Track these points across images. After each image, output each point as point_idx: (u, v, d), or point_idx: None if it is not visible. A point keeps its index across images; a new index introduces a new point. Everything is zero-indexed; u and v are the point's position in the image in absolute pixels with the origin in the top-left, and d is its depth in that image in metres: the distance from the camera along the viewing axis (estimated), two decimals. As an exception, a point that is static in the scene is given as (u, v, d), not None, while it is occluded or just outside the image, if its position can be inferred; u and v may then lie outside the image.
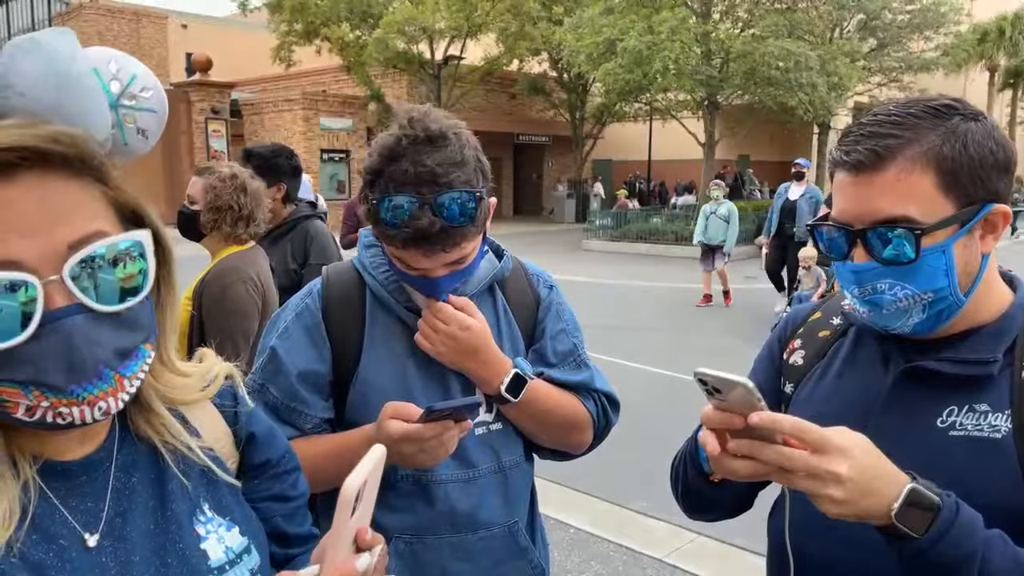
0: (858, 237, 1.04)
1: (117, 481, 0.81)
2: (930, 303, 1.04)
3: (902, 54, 22.38)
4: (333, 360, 1.45)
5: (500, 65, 24.80)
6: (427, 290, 1.41)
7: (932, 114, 1.02)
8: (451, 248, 1.32)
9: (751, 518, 1.41)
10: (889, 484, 0.91)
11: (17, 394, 0.69)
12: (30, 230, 0.68)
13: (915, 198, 1.00)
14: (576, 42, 19.73)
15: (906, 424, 1.06)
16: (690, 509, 1.33)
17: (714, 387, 0.91)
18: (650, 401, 6.02)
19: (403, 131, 1.30)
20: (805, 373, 1.24)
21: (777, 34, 18.32)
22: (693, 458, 1.22)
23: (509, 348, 1.52)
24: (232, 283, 2.69)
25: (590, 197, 26.96)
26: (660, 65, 17.59)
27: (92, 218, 0.73)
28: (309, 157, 23.32)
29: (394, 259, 1.39)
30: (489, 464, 1.48)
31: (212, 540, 0.84)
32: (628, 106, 23.79)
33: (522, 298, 1.58)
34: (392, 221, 1.28)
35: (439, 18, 22.52)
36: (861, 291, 1.07)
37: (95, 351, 0.70)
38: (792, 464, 0.89)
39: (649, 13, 18.80)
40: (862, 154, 1.02)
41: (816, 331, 1.27)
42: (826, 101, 18.62)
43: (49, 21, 35.14)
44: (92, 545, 0.77)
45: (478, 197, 1.31)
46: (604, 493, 4.55)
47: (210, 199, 2.76)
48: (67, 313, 0.69)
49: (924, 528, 0.90)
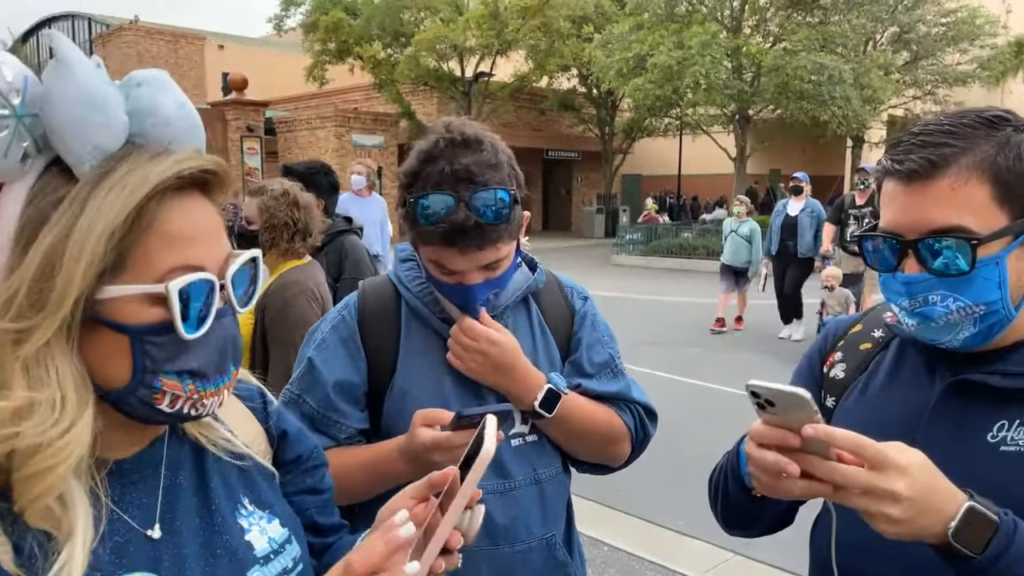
0: (910, 247, 1.02)
1: (166, 479, 0.85)
2: (981, 316, 1.01)
3: (937, 67, 22.08)
4: (368, 371, 1.47)
5: (530, 82, 24.95)
6: (462, 299, 1.41)
7: (985, 124, 1.01)
8: (486, 247, 1.33)
9: (790, 535, 1.39)
10: (947, 502, 0.88)
11: (175, 386, 0.77)
12: (210, 240, 0.80)
13: (970, 208, 0.98)
14: (606, 58, 19.79)
15: (955, 439, 1.04)
16: (729, 525, 1.31)
17: (767, 400, 0.88)
18: (685, 416, 5.96)
19: (440, 135, 1.33)
20: (847, 387, 1.22)
21: (809, 48, 18.20)
22: (735, 472, 1.20)
23: (545, 360, 1.53)
24: (294, 296, 2.78)
25: (619, 212, 26.92)
26: (690, 80, 17.57)
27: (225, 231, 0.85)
28: (341, 173, 23.56)
29: (430, 265, 1.40)
30: (526, 476, 1.47)
31: (255, 532, 0.89)
32: (658, 121, 23.77)
33: (557, 310, 1.59)
34: (429, 218, 1.30)
35: (470, 36, 22.75)
36: (911, 303, 1.04)
37: (232, 347, 0.82)
38: (848, 481, 0.87)
39: (679, 28, 18.82)
40: (916, 163, 1.00)
41: (857, 344, 1.25)
42: (859, 115, 18.43)
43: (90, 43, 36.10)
44: (156, 537, 0.81)
45: (512, 196, 1.33)
46: (639, 510, 4.51)
47: (265, 218, 2.84)
48: (226, 312, 0.81)
49: (982, 547, 0.87)
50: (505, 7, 21.87)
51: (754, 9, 20.98)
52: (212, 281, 0.78)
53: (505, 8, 21.89)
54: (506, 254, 1.39)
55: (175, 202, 0.76)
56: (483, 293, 1.40)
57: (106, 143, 0.74)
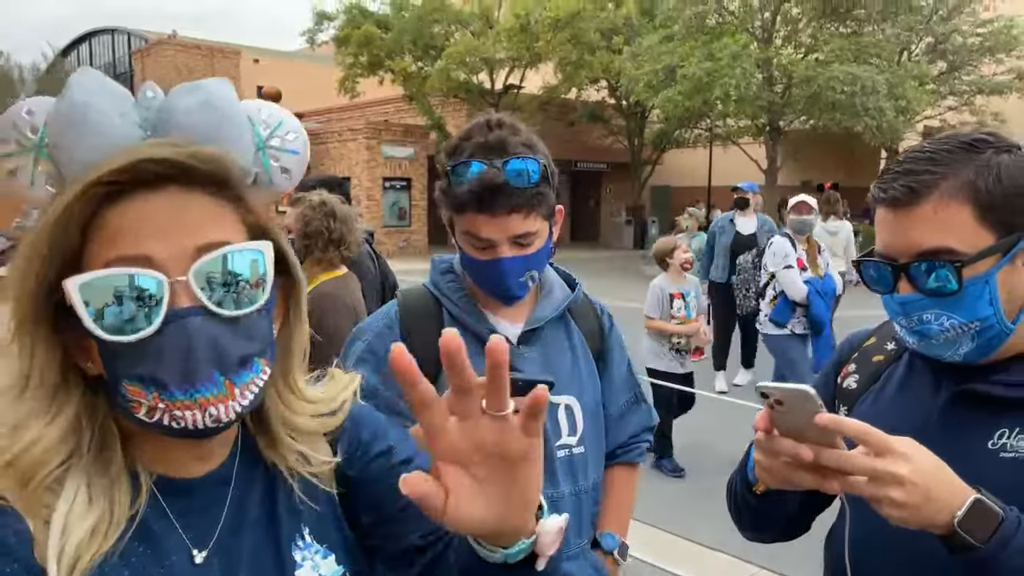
0: (902, 271, 1.07)
1: (233, 501, 0.84)
2: (977, 332, 1.06)
3: (973, 77, 21.73)
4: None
5: (559, 93, 25.03)
6: (496, 278, 1.43)
7: (965, 149, 1.05)
8: (516, 212, 1.37)
9: (814, 550, 1.40)
10: (954, 494, 0.93)
11: (140, 393, 0.72)
12: (163, 234, 0.73)
13: (954, 230, 1.03)
14: (635, 70, 19.78)
15: (957, 445, 1.07)
16: (744, 527, 1.34)
17: (776, 400, 0.94)
18: (710, 428, 5.92)
19: (481, 119, 1.44)
20: (859, 397, 1.26)
21: (842, 58, 18.02)
22: (742, 471, 1.24)
23: (586, 375, 1.58)
24: (328, 310, 2.82)
25: (648, 223, 26.81)
26: (721, 92, 17.48)
27: (222, 229, 0.77)
28: (372, 185, 23.83)
29: (464, 240, 1.45)
30: (568, 486, 1.52)
31: (307, 567, 0.86)
32: (687, 132, 23.65)
33: (590, 326, 1.64)
34: (462, 183, 1.37)
35: (500, 48, 22.90)
36: (908, 322, 1.10)
37: (209, 353, 0.72)
38: (853, 466, 0.92)
39: (709, 40, 18.74)
40: (898, 191, 1.06)
41: (870, 356, 1.30)
42: (894, 125, 18.18)
43: (130, 57, 36.98)
44: (199, 562, 0.79)
45: (543, 169, 1.39)
46: (662, 522, 4.49)
47: (300, 227, 2.91)
48: (189, 313, 0.72)
49: (987, 538, 0.91)
50: (536, 20, 22.00)
51: (786, 20, 20.84)
52: (153, 277, 0.71)
53: (536, 21, 22.01)
54: (537, 230, 1.42)
55: (127, 198, 0.74)
56: (515, 267, 1.42)
57: (90, 158, 0.75)
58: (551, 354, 1.54)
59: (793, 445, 0.95)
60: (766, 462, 1.00)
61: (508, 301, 1.49)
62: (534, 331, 1.52)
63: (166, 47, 34.28)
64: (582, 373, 1.56)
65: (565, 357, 1.55)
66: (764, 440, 0.98)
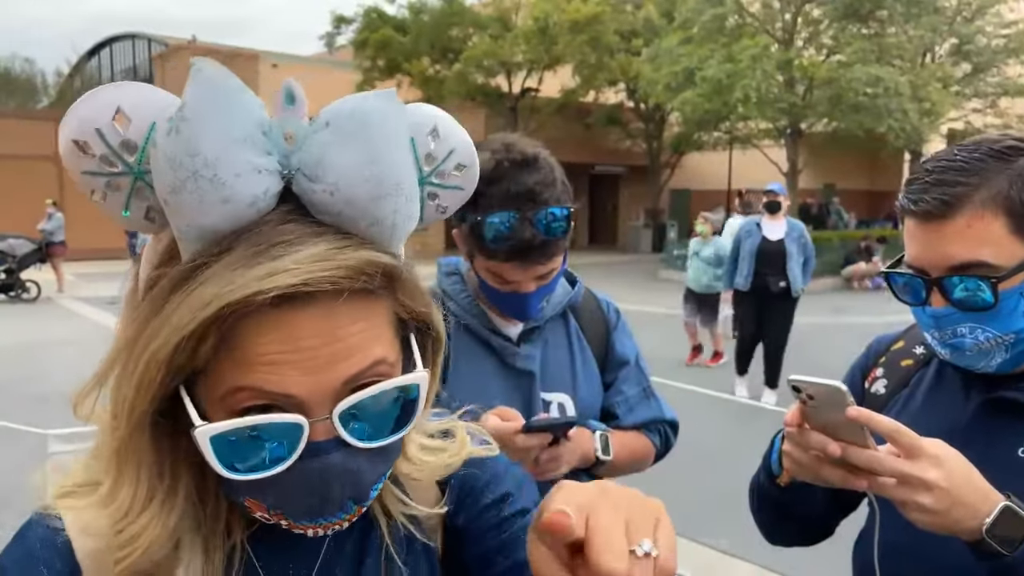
0: (935, 284, 1.05)
1: (328, 550, 0.78)
2: (1012, 344, 1.04)
3: (998, 79, 21.46)
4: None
5: (577, 96, 25.01)
6: (516, 307, 1.49)
7: (996, 157, 1.02)
8: (546, 261, 1.42)
9: (841, 561, 1.37)
10: (983, 500, 0.91)
11: (260, 507, 0.67)
12: (309, 367, 0.61)
13: (988, 243, 1.01)
14: (654, 72, 19.72)
15: (986, 453, 1.06)
16: (766, 528, 1.32)
17: (808, 395, 0.93)
18: (731, 434, 5.86)
19: (500, 155, 1.41)
20: (887, 403, 1.24)
21: (865, 60, 17.87)
22: (766, 462, 1.22)
23: (582, 371, 1.59)
24: None
25: (666, 227, 26.73)
26: (741, 94, 17.39)
27: (375, 343, 0.65)
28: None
29: (486, 274, 1.47)
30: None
31: None
32: (707, 135, 23.55)
33: (595, 324, 1.66)
34: (495, 237, 1.38)
35: (518, 51, 22.93)
36: (941, 335, 1.08)
37: (344, 488, 0.65)
38: (882, 467, 0.90)
39: (729, 42, 18.65)
40: (930, 203, 1.03)
41: (899, 360, 1.27)
42: (918, 128, 18.00)
43: (150, 62, 37.44)
44: None
45: (570, 211, 1.41)
46: (682, 528, 4.43)
47: None
48: (327, 449, 0.63)
49: (1015, 545, 0.89)
50: (555, 23, 22.01)
51: (807, 21, 20.70)
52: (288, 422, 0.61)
53: (555, 23, 22.02)
54: (558, 264, 1.47)
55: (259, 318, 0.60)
56: (538, 301, 1.49)
57: (205, 221, 0.60)
58: (550, 351, 1.58)
59: (822, 439, 0.94)
60: (796, 454, 0.99)
61: (524, 322, 1.54)
62: (534, 329, 1.56)
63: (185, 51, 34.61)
64: (578, 371, 1.58)
65: (563, 354, 1.59)
66: (795, 432, 0.98)
